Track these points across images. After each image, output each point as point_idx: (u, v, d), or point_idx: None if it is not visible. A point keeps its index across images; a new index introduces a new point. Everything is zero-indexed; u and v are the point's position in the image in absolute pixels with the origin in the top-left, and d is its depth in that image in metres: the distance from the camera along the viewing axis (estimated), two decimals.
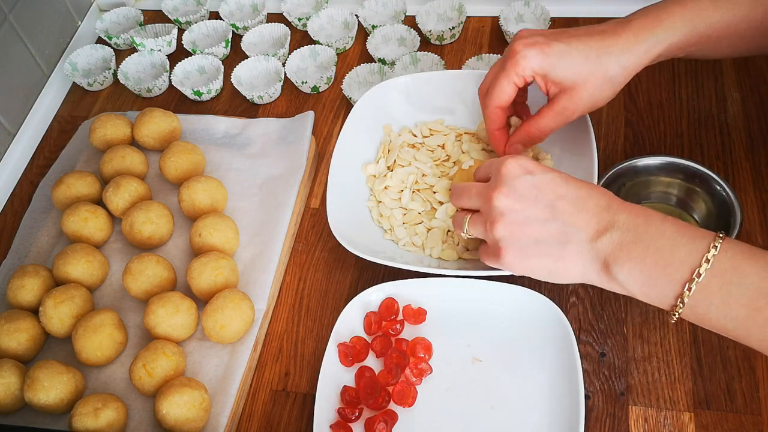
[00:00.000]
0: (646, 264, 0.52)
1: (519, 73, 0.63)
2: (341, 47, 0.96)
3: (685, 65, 0.87)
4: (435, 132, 0.79)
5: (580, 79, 0.62)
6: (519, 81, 0.64)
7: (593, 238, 0.54)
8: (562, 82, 0.62)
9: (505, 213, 0.57)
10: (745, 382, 0.63)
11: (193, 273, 0.71)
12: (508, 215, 0.57)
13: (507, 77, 0.64)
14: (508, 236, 0.57)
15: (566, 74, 0.62)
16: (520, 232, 0.56)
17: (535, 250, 0.56)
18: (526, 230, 0.56)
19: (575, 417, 0.59)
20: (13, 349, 0.69)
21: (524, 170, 0.57)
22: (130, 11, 1.04)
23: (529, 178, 0.57)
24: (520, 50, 0.62)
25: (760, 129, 0.80)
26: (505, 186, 0.57)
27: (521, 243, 0.57)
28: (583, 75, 0.62)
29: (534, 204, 0.56)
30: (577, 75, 0.62)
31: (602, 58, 0.61)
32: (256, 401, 0.69)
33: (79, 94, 0.99)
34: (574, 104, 0.63)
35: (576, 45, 0.61)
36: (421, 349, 0.66)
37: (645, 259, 0.52)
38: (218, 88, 0.94)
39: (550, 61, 0.61)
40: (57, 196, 0.80)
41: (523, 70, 0.62)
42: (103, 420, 0.63)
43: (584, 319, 0.69)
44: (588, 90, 0.62)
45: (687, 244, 0.51)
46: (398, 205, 0.75)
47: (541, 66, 0.62)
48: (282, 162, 0.83)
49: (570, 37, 0.62)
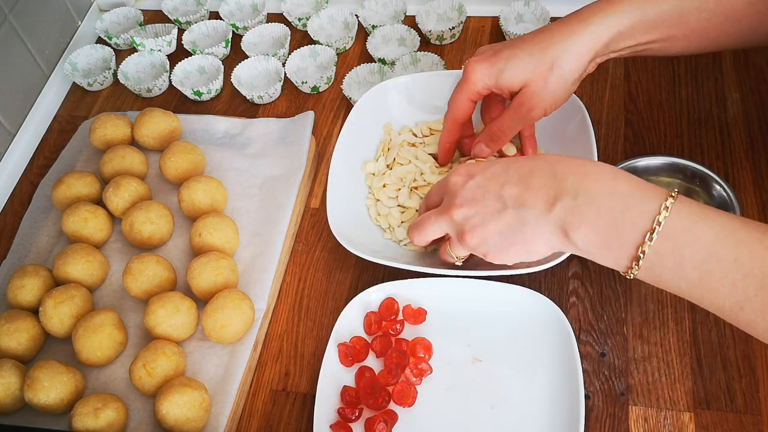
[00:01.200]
0: (600, 227, 0.52)
1: (471, 87, 0.66)
2: (341, 47, 0.96)
3: (685, 65, 0.87)
4: (435, 131, 0.79)
5: (529, 75, 0.63)
6: (474, 95, 0.67)
7: (546, 210, 0.54)
8: (513, 85, 0.64)
9: (465, 223, 0.58)
10: (745, 382, 0.63)
11: (193, 273, 0.71)
12: (469, 223, 0.58)
13: (461, 93, 0.67)
14: (479, 241, 0.58)
15: (514, 75, 0.64)
16: (485, 233, 0.57)
17: (505, 243, 0.57)
18: (488, 229, 0.57)
19: (575, 417, 0.59)
20: (13, 349, 0.69)
21: (467, 176, 0.59)
22: (130, 11, 1.04)
23: (473, 182, 0.58)
24: (470, 66, 0.66)
25: (760, 129, 0.80)
26: (457, 198, 0.58)
27: (491, 242, 0.57)
28: (529, 70, 0.63)
29: (484, 203, 0.57)
30: (525, 72, 0.63)
31: (547, 50, 0.62)
32: (256, 401, 0.69)
33: (79, 94, 0.99)
34: (529, 100, 0.64)
35: (522, 47, 0.64)
36: (421, 349, 0.66)
37: (598, 222, 0.52)
38: (218, 88, 0.94)
39: (497, 69, 0.64)
40: (57, 196, 0.80)
41: (474, 85, 0.66)
42: (103, 420, 0.63)
43: (584, 319, 0.69)
44: (539, 83, 0.63)
45: (639, 204, 0.51)
46: (396, 203, 0.75)
47: (489, 76, 0.65)
48: (282, 162, 0.83)
49: (521, 42, 0.64)
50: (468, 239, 0.58)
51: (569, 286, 0.71)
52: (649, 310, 0.69)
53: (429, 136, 0.79)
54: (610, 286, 0.71)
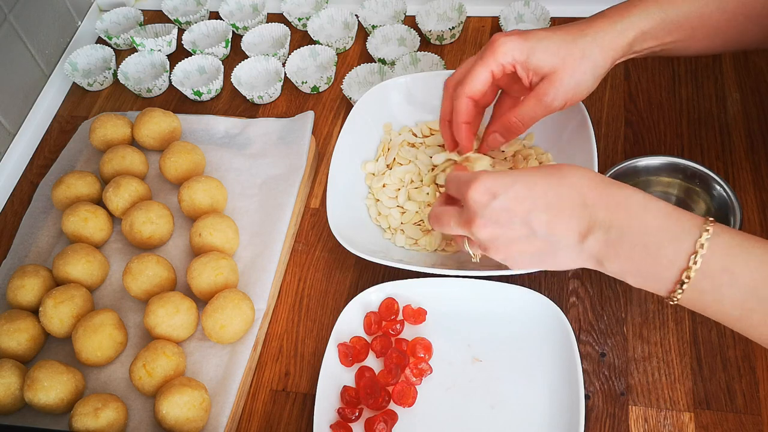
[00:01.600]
0: (635, 261, 0.52)
1: (498, 59, 0.62)
2: (341, 47, 0.96)
3: (685, 65, 0.87)
4: (435, 132, 0.79)
5: (559, 61, 0.61)
6: (497, 69, 0.63)
7: (579, 241, 0.54)
8: (541, 67, 0.62)
9: (489, 241, 0.57)
10: (745, 382, 0.63)
11: (193, 273, 0.71)
12: (494, 242, 0.57)
13: (485, 65, 0.63)
14: (505, 257, 0.58)
15: (545, 58, 0.62)
16: (512, 251, 0.57)
17: (534, 261, 0.57)
18: (515, 248, 0.56)
19: (575, 417, 0.59)
20: (13, 349, 0.69)
21: (489, 196, 0.55)
22: (130, 11, 1.04)
23: (496, 203, 0.55)
24: (499, 39, 0.62)
25: (760, 129, 0.80)
26: (478, 218, 0.56)
27: (518, 258, 0.57)
28: (561, 56, 0.61)
29: (510, 227, 0.55)
30: (556, 57, 0.61)
31: (579, 40, 0.62)
32: (256, 401, 0.69)
33: (79, 94, 0.99)
34: (555, 89, 0.62)
35: (554, 32, 0.63)
36: (421, 349, 0.66)
37: (633, 257, 0.52)
38: (218, 88, 0.94)
39: (529, 46, 0.61)
40: (57, 196, 0.80)
41: (503, 56, 0.62)
42: (103, 420, 0.63)
43: (584, 319, 0.69)
44: (568, 73, 0.62)
45: (672, 241, 0.51)
46: (395, 203, 0.75)
47: (521, 51, 0.62)
48: (282, 162, 0.83)
49: (550, 30, 0.63)
50: (492, 254, 0.58)
51: (569, 286, 0.71)
52: (649, 310, 0.69)
53: (429, 136, 0.79)
54: (610, 286, 0.71)
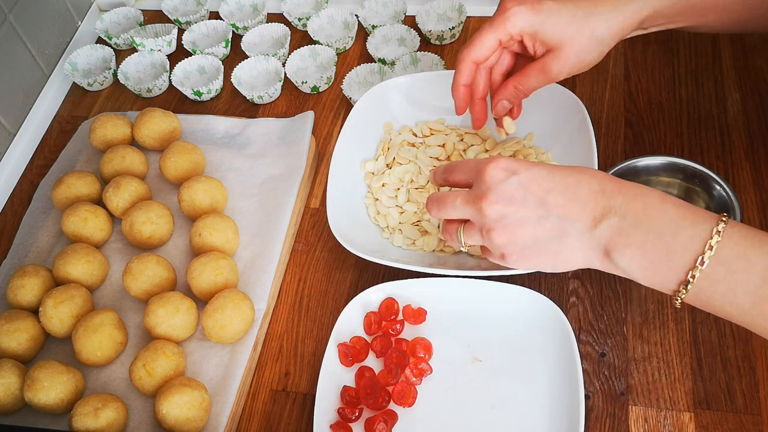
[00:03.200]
0: (648, 250, 0.51)
1: (508, 29, 0.62)
2: (341, 47, 0.96)
3: (685, 65, 0.87)
4: (436, 131, 0.80)
5: (567, 37, 0.61)
6: (505, 37, 0.63)
7: (591, 227, 0.53)
8: (549, 41, 0.62)
9: (498, 220, 0.55)
10: (745, 382, 0.63)
11: (193, 273, 0.71)
12: (502, 221, 0.55)
13: (493, 31, 0.62)
14: (507, 242, 0.56)
15: (554, 32, 0.61)
16: (518, 234, 0.55)
17: (536, 249, 0.56)
18: (523, 231, 0.55)
19: (575, 417, 0.59)
20: (13, 349, 0.69)
21: (508, 172, 0.55)
22: (130, 11, 1.04)
23: (515, 179, 0.55)
24: (511, 7, 0.61)
25: (760, 129, 0.80)
26: (492, 193, 0.55)
27: (521, 245, 0.56)
28: (570, 33, 0.61)
29: (524, 204, 0.55)
30: (564, 33, 0.61)
31: (590, 17, 0.61)
32: (256, 401, 0.69)
33: (79, 94, 0.99)
34: (560, 64, 0.62)
35: (565, 4, 0.61)
36: (421, 349, 0.66)
37: (646, 245, 0.51)
38: (218, 88, 0.94)
39: (539, 18, 0.61)
40: (57, 196, 0.80)
41: (513, 26, 0.62)
42: (103, 420, 0.63)
43: (584, 319, 0.69)
44: (574, 50, 0.62)
45: (689, 228, 0.50)
46: (395, 203, 0.75)
47: (531, 23, 0.61)
48: (282, 162, 0.83)
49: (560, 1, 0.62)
50: (495, 236, 0.56)
51: (569, 286, 0.71)
52: (649, 310, 0.69)
53: (429, 136, 0.79)
54: (610, 286, 0.71)
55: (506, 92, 0.66)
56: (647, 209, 0.52)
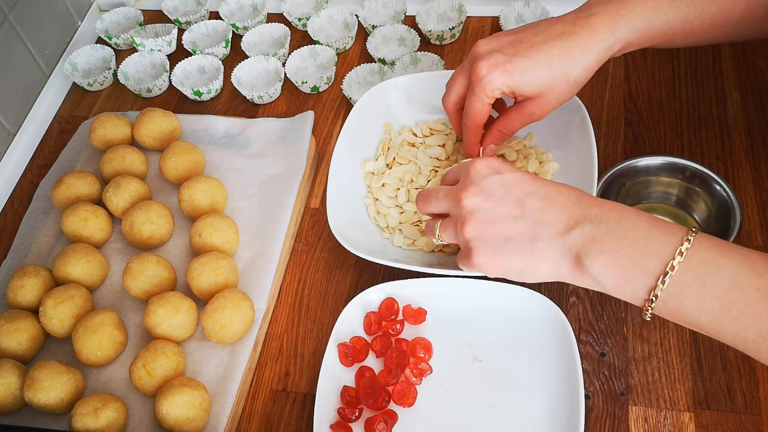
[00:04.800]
0: (620, 256, 0.52)
1: (488, 94, 0.64)
2: (341, 47, 0.96)
3: (685, 65, 0.87)
4: (436, 132, 0.80)
5: (546, 87, 0.63)
6: (490, 101, 0.66)
7: (563, 232, 0.54)
8: (529, 94, 0.64)
9: (473, 212, 0.57)
10: (745, 382, 0.63)
11: (193, 273, 0.71)
12: (477, 214, 0.57)
13: (479, 100, 0.65)
14: (478, 236, 0.57)
15: (532, 87, 0.63)
16: (490, 230, 0.56)
17: (505, 248, 0.56)
18: (495, 228, 0.56)
19: (575, 417, 0.59)
20: (13, 349, 0.69)
21: (492, 170, 0.58)
22: (130, 11, 1.04)
23: (498, 177, 0.57)
24: (485, 75, 0.63)
25: (760, 129, 0.80)
26: (474, 185, 0.57)
27: (491, 242, 0.56)
28: (548, 83, 0.63)
29: (502, 201, 0.56)
30: (542, 85, 0.63)
31: (564, 65, 0.62)
32: (256, 401, 0.69)
33: (79, 94, 0.99)
34: (542, 108, 0.65)
35: (537, 57, 0.62)
36: (421, 349, 0.66)
37: (618, 251, 0.52)
38: (218, 88, 0.94)
39: (515, 80, 0.63)
40: (57, 196, 0.80)
41: (492, 92, 0.64)
42: (103, 420, 0.63)
43: (584, 319, 0.69)
44: (554, 95, 0.64)
45: (660, 236, 0.51)
46: (395, 203, 0.75)
47: (507, 85, 0.63)
48: (282, 162, 0.83)
49: (530, 48, 0.63)
50: (467, 229, 0.57)
51: (569, 286, 0.71)
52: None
53: (429, 136, 0.79)
54: None
55: (492, 137, 0.69)
56: (621, 219, 0.53)
